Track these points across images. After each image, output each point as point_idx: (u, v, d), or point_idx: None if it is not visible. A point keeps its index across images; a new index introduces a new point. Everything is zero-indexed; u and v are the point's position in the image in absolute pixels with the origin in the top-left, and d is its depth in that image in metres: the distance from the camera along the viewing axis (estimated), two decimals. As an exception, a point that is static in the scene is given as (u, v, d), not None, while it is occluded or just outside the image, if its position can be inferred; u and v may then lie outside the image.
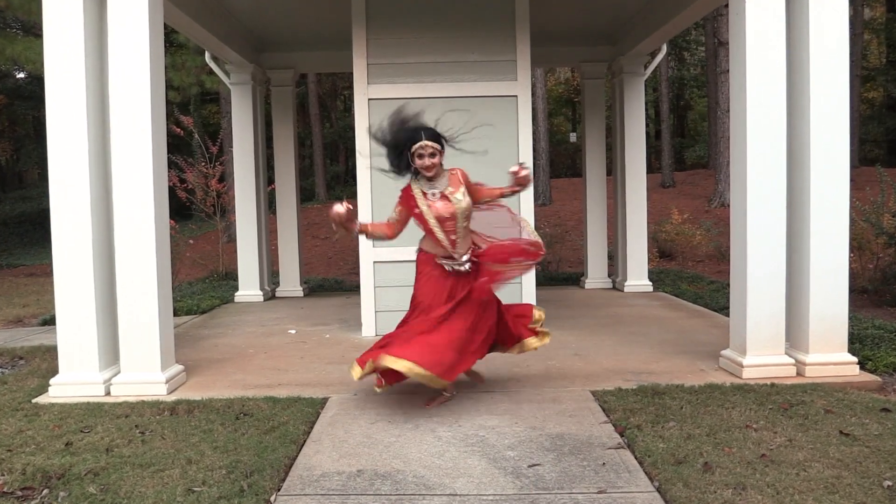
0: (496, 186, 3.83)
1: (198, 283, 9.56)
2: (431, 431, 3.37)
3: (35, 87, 19.85)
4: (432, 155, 3.62)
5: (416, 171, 3.71)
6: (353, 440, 3.26)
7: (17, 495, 2.70)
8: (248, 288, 7.95)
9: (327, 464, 2.98)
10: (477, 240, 3.82)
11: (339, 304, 7.53)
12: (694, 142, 27.72)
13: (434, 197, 3.67)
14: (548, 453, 3.04)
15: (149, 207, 4.06)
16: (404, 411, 3.67)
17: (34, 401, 3.97)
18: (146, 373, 4.08)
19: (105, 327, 4.13)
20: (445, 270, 3.73)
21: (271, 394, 3.98)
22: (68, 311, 4.06)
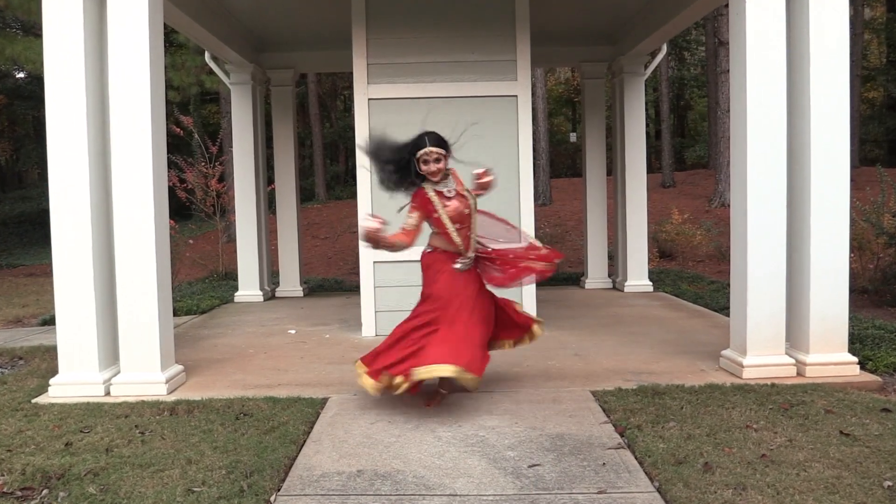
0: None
1: (197, 284, 9.56)
2: (431, 431, 3.36)
3: (35, 86, 19.85)
4: (437, 160, 3.64)
5: (422, 178, 3.71)
6: (353, 440, 3.26)
7: (16, 495, 2.70)
8: (248, 288, 7.95)
9: (327, 464, 2.98)
10: (481, 239, 3.89)
11: (339, 304, 7.52)
12: (694, 142, 27.70)
13: (451, 195, 3.70)
14: (548, 453, 3.04)
15: (149, 207, 4.06)
16: (404, 411, 3.67)
17: (34, 401, 3.97)
18: (146, 373, 4.08)
19: (105, 327, 4.13)
20: (457, 267, 3.77)
21: (271, 394, 3.98)
22: (68, 311, 4.06)
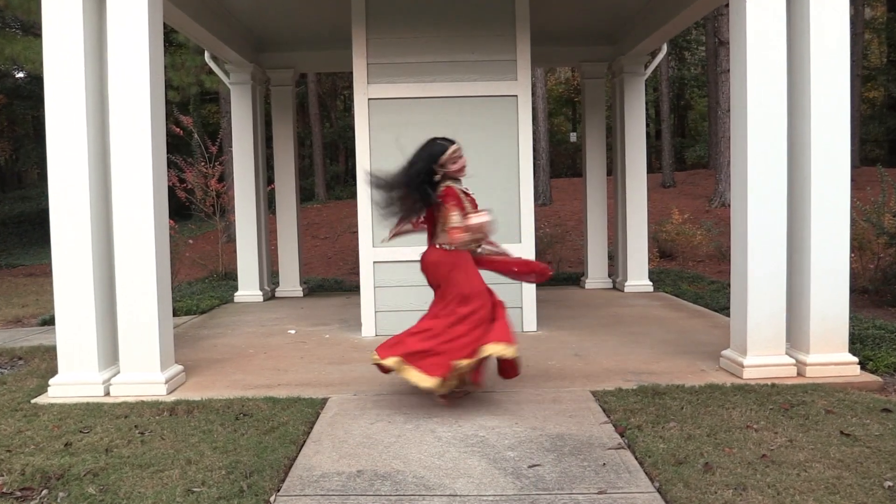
0: None
1: (197, 284, 9.56)
2: (431, 432, 3.36)
3: (34, 86, 19.84)
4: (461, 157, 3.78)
5: (434, 186, 3.70)
6: (352, 440, 3.26)
7: (16, 496, 2.69)
8: (248, 288, 7.94)
9: (327, 464, 2.98)
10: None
11: (338, 304, 7.52)
12: (694, 141, 27.69)
13: (469, 192, 3.83)
14: (548, 454, 3.04)
15: (148, 207, 4.06)
16: (404, 411, 3.67)
17: (33, 401, 3.97)
18: (146, 373, 4.07)
19: (104, 327, 4.12)
20: None
21: (271, 394, 3.97)
22: (68, 311, 4.06)
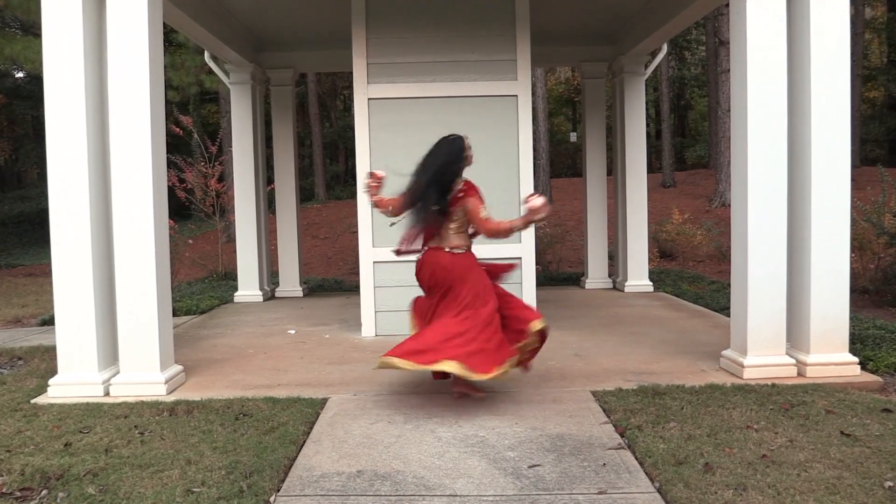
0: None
1: (197, 284, 9.55)
2: (431, 432, 3.36)
3: (34, 86, 19.82)
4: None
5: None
6: (352, 441, 3.25)
7: (15, 496, 2.69)
8: (248, 288, 7.94)
9: (327, 464, 2.98)
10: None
11: (338, 305, 7.52)
12: (695, 141, 27.69)
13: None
14: (548, 454, 3.04)
15: (148, 207, 4.05)
16: (404, 412, 3.67)
17: (33, 401, 3.96)
18: (145, 373, 4.07)
19: (104, 327, 4.12)
20: None
21: (271, 394, 3.97)
22: (67, 311, 4.05)
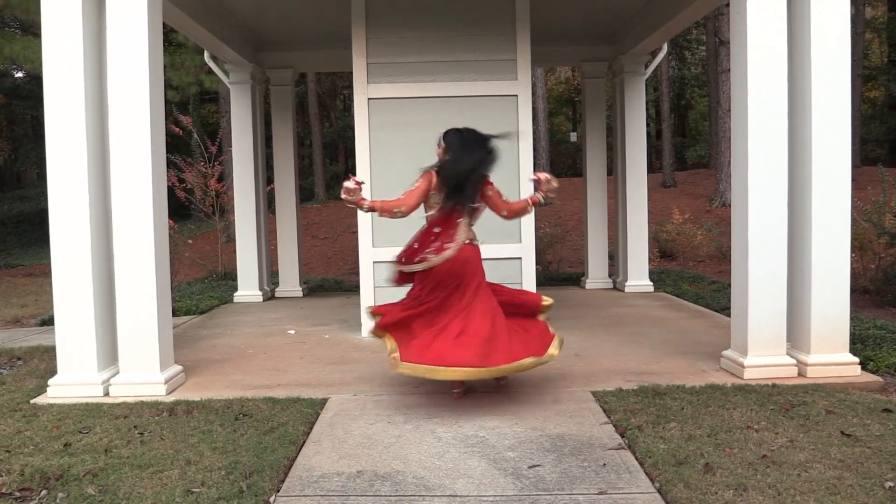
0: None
1: (197, 284, 9.55)
2: (431, 432, 3.35)
3: (33, 86, 19.81)
4: (438, 144, 3.93)
5: None
6: (352, 441, 3.25)
7: (15, 496, 2.69)
8: (248, 288, 7.93)
9: (327, 465, 2.97)
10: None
11: (338, 305, 7.51)
12: (695, 141, 27.67)
13: None
14: (548, 454, 3.03)
15: (148, 207, 4.05)
16: (404, 412, 3.66)
17: (32, 401, 3.96)
18: (145, 373, 4.06)
19: (104, 327, 4.11)
20: None
21: (270, 394, 3.97)
22: (67, 311, 4.05)
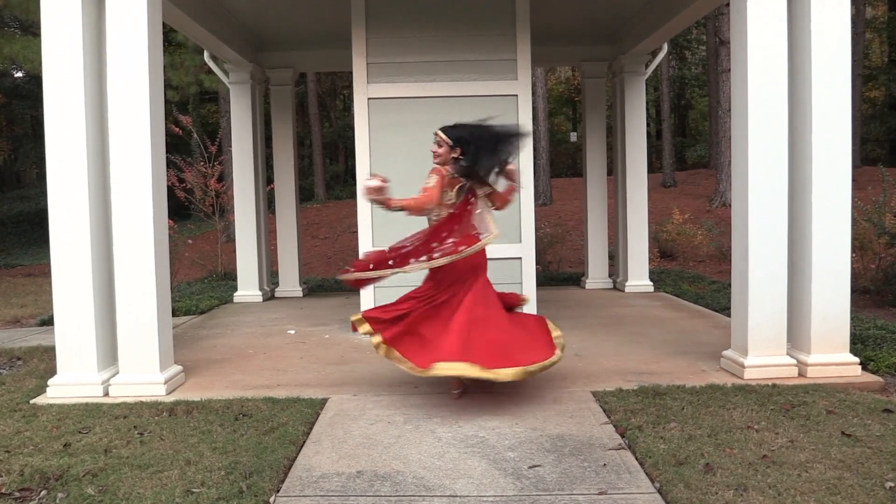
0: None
1: (196, 284, 9.55)
2: (431, 432, 3.35)
3: (33, 86, 19.82)
4: (439, 145, 3.85)
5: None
6: (352, 441, 3.25)
7: (15, 496, 2.68)
8: (247, 288, 7.93)
9: (327, 465, 2.97)
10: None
11: (338, 305, 7.51)
12: (695, 141, 27.68)
13: None
14: (548, 454, 3.03)
15: (147, 207, 4.04)
16: (404, 412, 3.66)
17: (32, 401, 3.96)
18: (145, 373, 4.06)
19: (103, 327, 4.11)
20: None
21: (270, 394, 3.96)
22: (66, 311, 4.05)
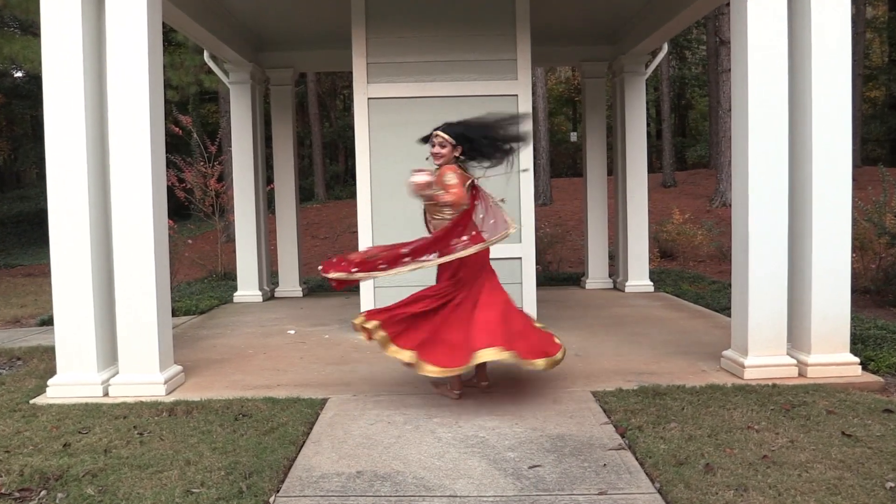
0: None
1: (196, 284, 9.54)
2: (431, 432, 3.35)
3: (33, 86, 19.81)
4: (442, 145, 3.84)
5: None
6: (352, 441, 3.25)
7: (14, 496, 2.68)
8: (247, 288, 7.93)
9: (327, 465, 2.97)
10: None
11: (338, 305, 7.50)
12: (695, 141, 27.68)
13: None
14: (548, 454, 3.03)
15: (147, 207, 4.04)
16: (404, 412, 3.66)
17: (32, 401, 3.95)
18: (144, 373, 4.06)
19: (103, 328, 4.11)
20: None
21: (270, 394, 3.96)
22: (66, 311, 4.04)
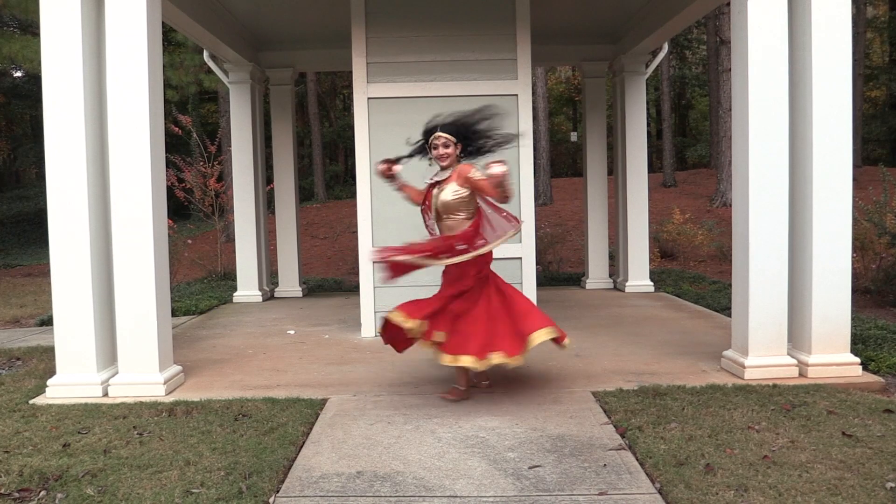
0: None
1: (196, 284, 9.54)
2: (431, 433, 3.35)
3: (32, 86, 19.78)
4: (445, 146, 3.81)
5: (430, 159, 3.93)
6: (352, 441, 3.24)
7: (14, 497, 2.68)
8: (247, 288, 7.93)
9: (326, 465, 2.96)
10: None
11: (338, 305, 7.50)
12: (695, 141, 27.68)
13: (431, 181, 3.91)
14: (548, 454, 3.02)
15: (147, 207, 4.04)
16: (404, 412, 3.66)
17: (31, 402, 3.95)
18: (144, 374, 4.06)
19: (103, 328, 4.11)
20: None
21: (270, 395, 3.96)
22: (66, 311, 4.04)
